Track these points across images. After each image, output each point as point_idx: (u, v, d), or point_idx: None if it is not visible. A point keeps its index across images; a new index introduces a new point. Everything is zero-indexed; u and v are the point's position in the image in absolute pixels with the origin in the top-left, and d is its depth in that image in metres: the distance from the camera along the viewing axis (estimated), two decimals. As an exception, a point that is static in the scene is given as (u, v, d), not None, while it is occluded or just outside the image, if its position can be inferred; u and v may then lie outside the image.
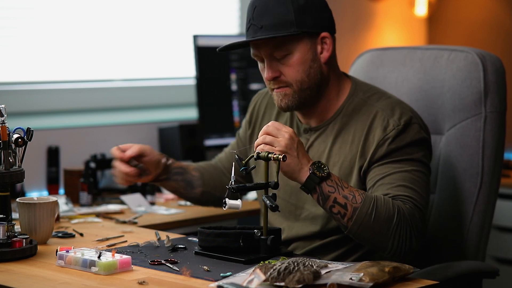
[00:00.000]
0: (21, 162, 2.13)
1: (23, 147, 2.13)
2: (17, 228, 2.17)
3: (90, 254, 1.95)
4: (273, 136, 2.04)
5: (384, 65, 2.65)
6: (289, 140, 2.03)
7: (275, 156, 2.03)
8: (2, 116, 2.08)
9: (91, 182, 2.87)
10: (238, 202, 2.03)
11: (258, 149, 2.04)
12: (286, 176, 2.07)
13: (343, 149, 2.23)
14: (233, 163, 2.09)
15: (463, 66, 2.46)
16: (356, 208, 2.03)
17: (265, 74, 2.22)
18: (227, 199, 2.03)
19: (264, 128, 2.06)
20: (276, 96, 2.24)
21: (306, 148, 2.27)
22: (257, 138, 2.32)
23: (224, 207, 2.03)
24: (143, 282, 1.82)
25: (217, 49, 2.27)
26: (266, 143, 2.03)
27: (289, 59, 2.19)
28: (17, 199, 2.21)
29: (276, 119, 2.38)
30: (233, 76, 3.55)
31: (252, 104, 2.50)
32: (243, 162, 2.08)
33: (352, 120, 2.23)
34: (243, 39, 2.23)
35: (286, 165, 2.03)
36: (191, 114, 3.63)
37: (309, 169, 2.04)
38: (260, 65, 2.25)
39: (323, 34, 2.22)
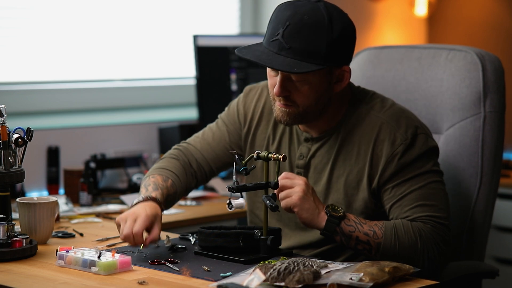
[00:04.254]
0: (21, 162, 2.13)
1: (23, 147, 2.13)
2: (17, 228, 2.17)
3: (90, 254, 1.95)
4: (287, 187, 2.06)
5: (382, 64, 2.64)
6: (305, 186, 2.06)
7: (275, 156, 2.04)
8: (2, 116, 2.08)
9: (91, 182, 2.87)
10: (242, 201, 2.05)
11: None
12: (305, 223, 2.08)
13: (348, 161, 2.19)
14: (234, 163, 2.09)
15: (462, 65, 2.46)
16: (379, 243, 2.07)
17: (275, 89, 2.13)
18: (232, 200, 2.04)
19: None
20: (278, 110, 2.16)
21: (308, 157, 2.24)
22: (253, 141, 2.32)
23: (230, 208, 2.04)
24: (143, 282, 1.82)
25: (236, 50, 2.15)
26: (282, 198, 2.06)
27: (303, 85, 2.11)
28: (17, 199, 2.21)
29: (274, 128, 2.32)
30: (233, 76, 3.55)
31: (247, 100, 2.38)
32: (243, 162, 2.08)
33: (355, 131, 2.19)
34: (249, 40, 2.16)
35: (305, 211, 2.05)
36: (191, 114, 3.63)
37: (326, 212, 2.06)
38: (270, 72, 2.16)
39: (345, 67, 2.15)
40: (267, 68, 2.16)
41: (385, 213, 2.17)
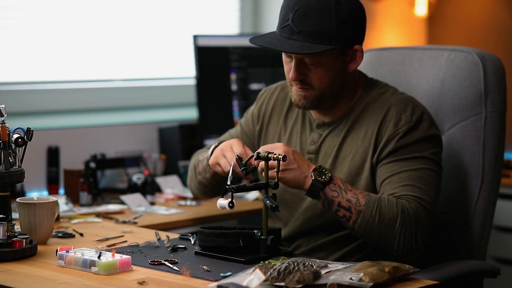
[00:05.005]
0: (21, 162, 2.13)
1: (23, 147, 2.13)
2: (17, 228, 2.17)
3: (90, 254, 1.95)
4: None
5: (383, 66, 2.65)
6: (286, 147, 2.08)
7: (275, 156, 2.04)
8: (2, 116, 2.08)
9: (91, 182, 2.87)
10: (225, 202, 2.03)
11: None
12: (290, 185, 2.11)
13: (355, 141, 2.24)
14: (232, 162, 2.09)
15: (463, 66, 2.46)
16: (360, 211, 2.07)
17: (291, 74, 2.20)
18: (219, 199, 2.04)
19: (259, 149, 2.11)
20: (295, 94, 2.23)
21: (319, 142, 2.29)
22: (266, 135, 2.37)
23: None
24: (143, 282, 1.82)
25: (250, 39, 2.22)
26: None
27: (318, 67, 2.18)
28: (17, 199, 2.21)
29: (286, 115, 2.39)
30: (233, 76, 3.55)
31: (260, 100, 2.48)
32: (243, 162, 2.08)
33: (365, 113, 2.25)
34: (266, 36, 2.19)
35: (290, 180, 2.08)
36: (191, 114, 3.63)
37: (311, 175, 2.07)
38: (285, 58, 2.22)
39: (357, 47, 2.21)
40: (282, 54, 2.23)
41: None
